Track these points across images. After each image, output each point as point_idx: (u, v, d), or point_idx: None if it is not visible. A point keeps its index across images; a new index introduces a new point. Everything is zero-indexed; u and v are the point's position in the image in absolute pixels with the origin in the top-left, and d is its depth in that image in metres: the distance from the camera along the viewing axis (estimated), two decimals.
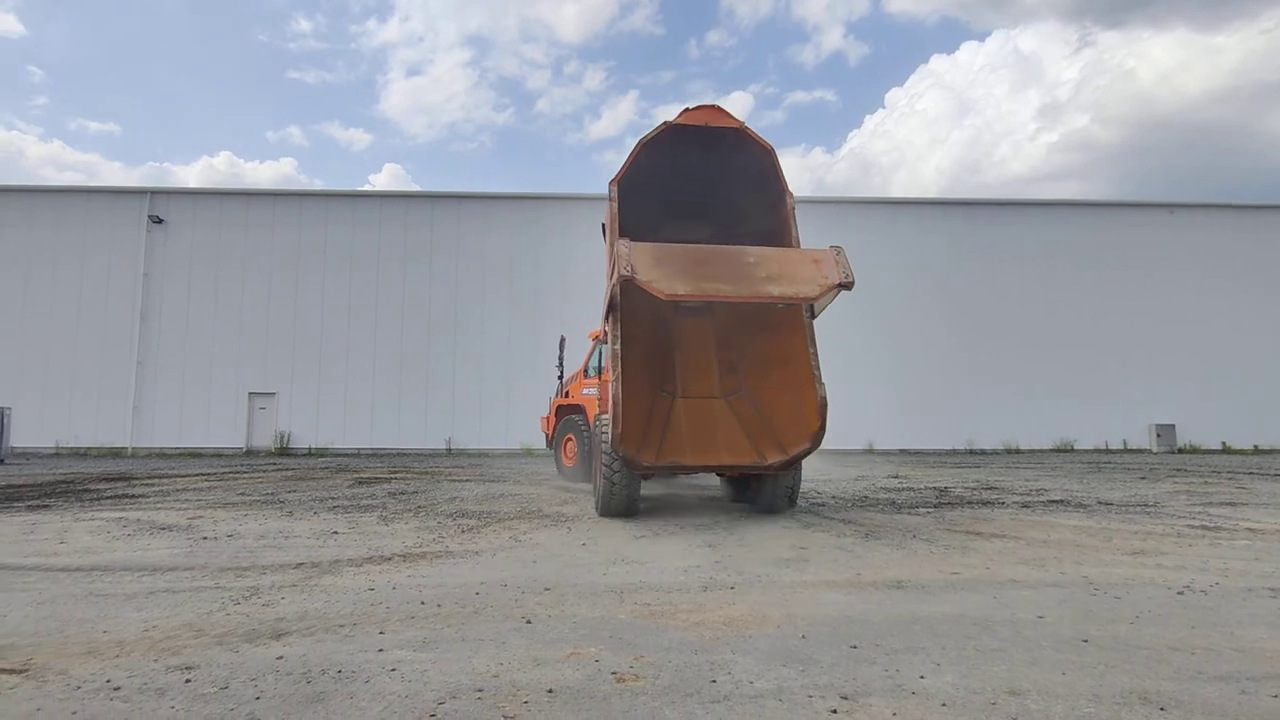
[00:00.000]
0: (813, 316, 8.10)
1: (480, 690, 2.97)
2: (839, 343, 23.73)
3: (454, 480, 12.57)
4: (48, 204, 23.34)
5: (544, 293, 23.07)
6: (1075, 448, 23.65)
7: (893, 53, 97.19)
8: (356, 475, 13.62)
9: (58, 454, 20.89)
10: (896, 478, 13.22)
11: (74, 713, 2.78)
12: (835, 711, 2.73)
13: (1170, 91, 75.68)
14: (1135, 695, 2.89)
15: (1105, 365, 24.29)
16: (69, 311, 22.45)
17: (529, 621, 3.97)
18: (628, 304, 7.86)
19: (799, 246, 8.22)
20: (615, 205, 8.19)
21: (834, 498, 9.85)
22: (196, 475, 13.75)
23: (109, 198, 23.49)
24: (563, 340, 13.22)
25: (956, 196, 27.91)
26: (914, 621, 3.93)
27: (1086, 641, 3.57)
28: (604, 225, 8.59)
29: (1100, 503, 9.25)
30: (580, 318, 22.60)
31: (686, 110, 8.26)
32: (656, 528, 7.26)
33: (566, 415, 12.24)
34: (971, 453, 22.53)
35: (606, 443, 7.50)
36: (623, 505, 7.73)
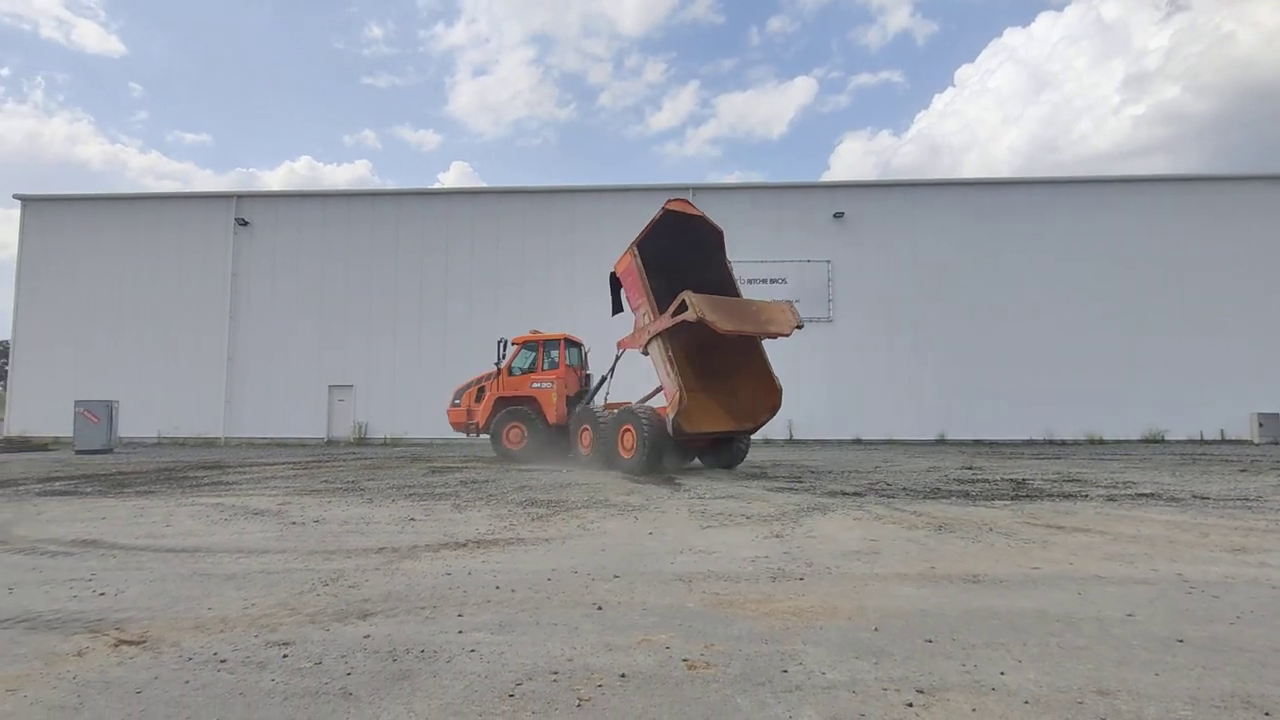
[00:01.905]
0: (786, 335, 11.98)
1: (555, 673, 3.06)
2: (904, 333, 23.08)
3: (523, 470, 12.88)
4: (148, 210, 25.00)
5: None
6: (1166, 438, 22.30)
7: (963, 29, 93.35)
8: (430, 464, 14.12)
9: (159, 443, 22.44)
10: (970, 469, 12.79)
11: (186, 681, 3.01)
12: (911, 705, 2.70)
13: (1276, 56, 70.00)
14: (1237, 699, 2.74)
15: (1201, 349, 22.75)
16: (168, 311, 24.01)
17: (600, 608, 4.06)
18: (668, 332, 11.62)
19: (739, 293, 12.64)
20: (639, 260, 12.13)
21: (904, 489, 9.62)
22: (283, 464, 14.53)
23: (200, 203, 24.97)
24: (502, 342, 15.25)
25: (1033, 176, 26.60)
26: (992, 616, 3.82)
27: (1181, 641, 3.40)
28: (613, 274, 12.77)
29: (1195, 496, 8.71)
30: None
31: (671, 201, 12.41)
32: (722, 519, 7.27)
33: (507, 406, 14.72)
34: (1050, 443, 21.54)
35: (669, 421, 11.15)
36: (656, 464, 11.58)
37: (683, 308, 10.89)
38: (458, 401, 15.73)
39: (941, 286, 23.32)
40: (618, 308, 13.20)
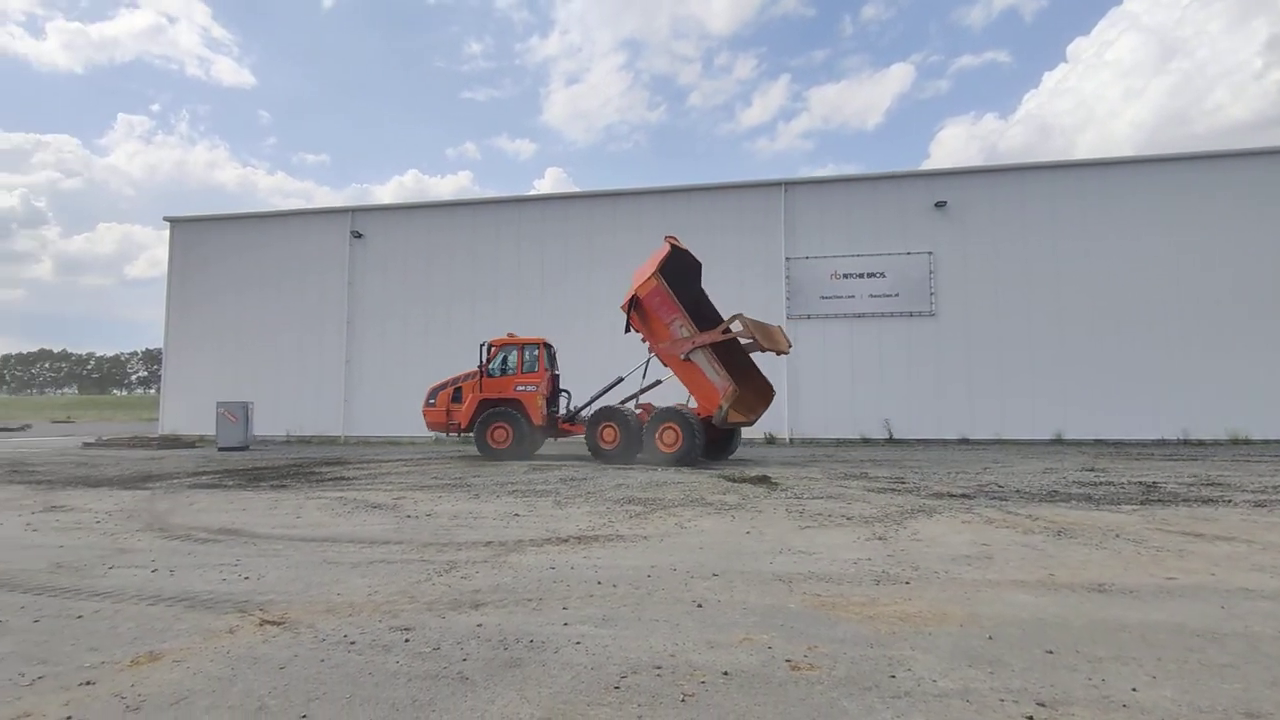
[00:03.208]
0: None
1: (659, 668, 3.13)
2: (1015, 325, 21.71)
3: (619, 468, 13.10)
4: (275, 227, 27.18)
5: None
6: None
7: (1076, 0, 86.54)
8: (530, 462, 14.60)
9: (288, 441, 24.32)
10: (1092, 470, 11.91)
11: (322, 660, 3.29)
12: (1031, 718, 2.58)
13: None
14: None
15: None
16: (294, 318, 25.98)
17: (700, 605, 4.10)
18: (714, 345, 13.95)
19: (718, 312, 15.21)
20: (665, 284, 13.98)
21: (1018, 492, 9.09)
22: (396, 461, 15.43)
23: (320, 218, 26.87)
24: (484, 345, 16.09)
25: (1160, 153, 24.29)
26: (1121, 629, 3.57)
27: None
28: (635, 297, 14.12)
29: None
30: (725, 303, 22.53)
31: (668, 237, 15.12)
32: (822, 519, 7.13)
33: (492, 407, 15.40)
34: (1186, 443, 19.68)
35: (720, 412, 13.25)
36: (699, 455, 13.59)
37: (729, 326, 13.84)
38: (433, 402, 16.26)
39: (1057, 275, 21.77)
40: (629, 328, 14.76)
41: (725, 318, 14.43)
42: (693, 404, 14.29)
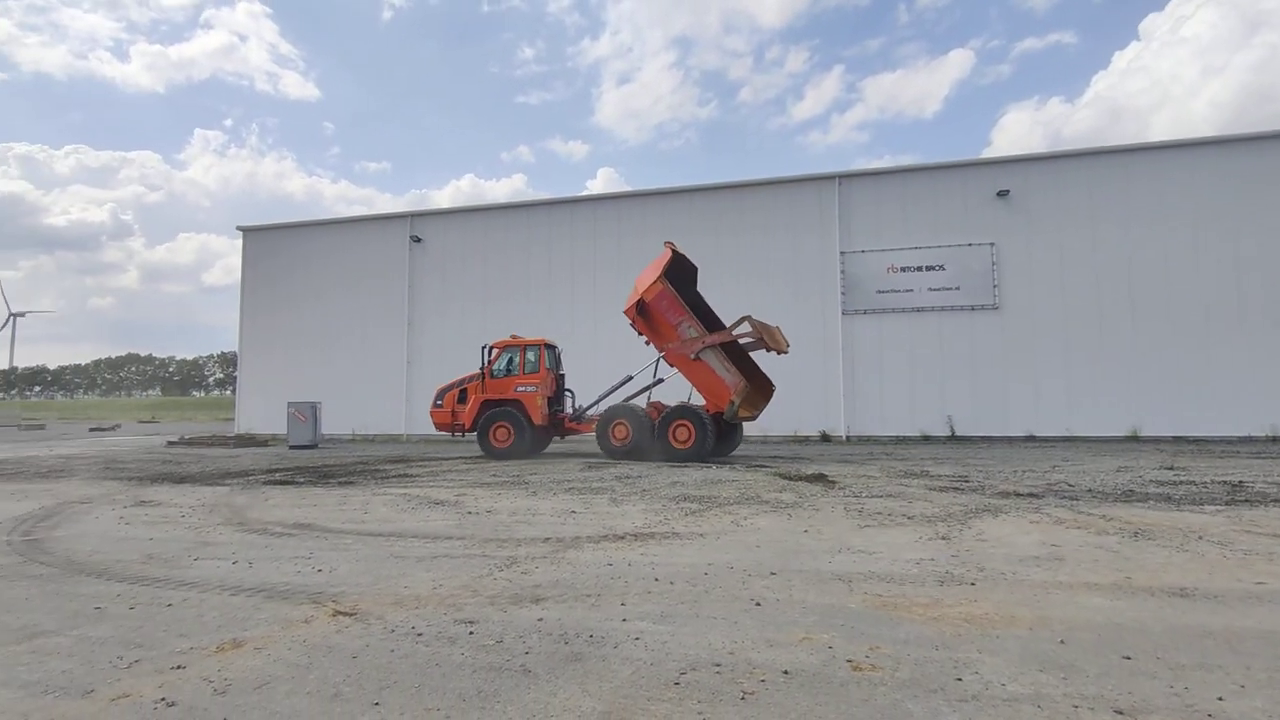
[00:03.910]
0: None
1: (718, 665, 3.14)
2: (1085, 317, 20.76)
3: (674, 466, 13.12)
4: (339, 233, 28.20)
5: (745, 277, 23.03)
6: None
7: None
8: (586, 460, 14.76)
9: (354, 439, 25.20)
10: (1170, 469, 11.31)
11: (392, 650, 3.41)
12: None
13: None
14: None
15: None
16: (358, 320, 26.89)
17: (758, 604, 4.08)
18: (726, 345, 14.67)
19: (714, 313, 15.73)
20: (671, 287, 14.61)
21: (1089, 491, 8.72)
22: (456, 459, 15.82)
23: (381, 224, 27.76)
24: (486, 348, 16.55)
25: (1244, 132, 22.82)
26: (1205, 635, 3.40)
27: None
28: (641, 301, 14.66)
29: None
30: (777, 299, 22.25)
31: (667, 242, 15.65)
32: (882, 518, 7.00)
33: (495, 408, 15.77)
34: (1275, 440, 18.48)
35: (730, 407, 13.92)
36: (711, 449, 14.11)
37: (738, 327, 14.62)
38: (440, 403, 16.68)
39: (1129, 263, 20.71)
40: (642, 335, 15.45)
41: (720, 318, 15.21)
42: (695, 401, 15.02)
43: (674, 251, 15.28)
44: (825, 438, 21.33)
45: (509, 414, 15.61)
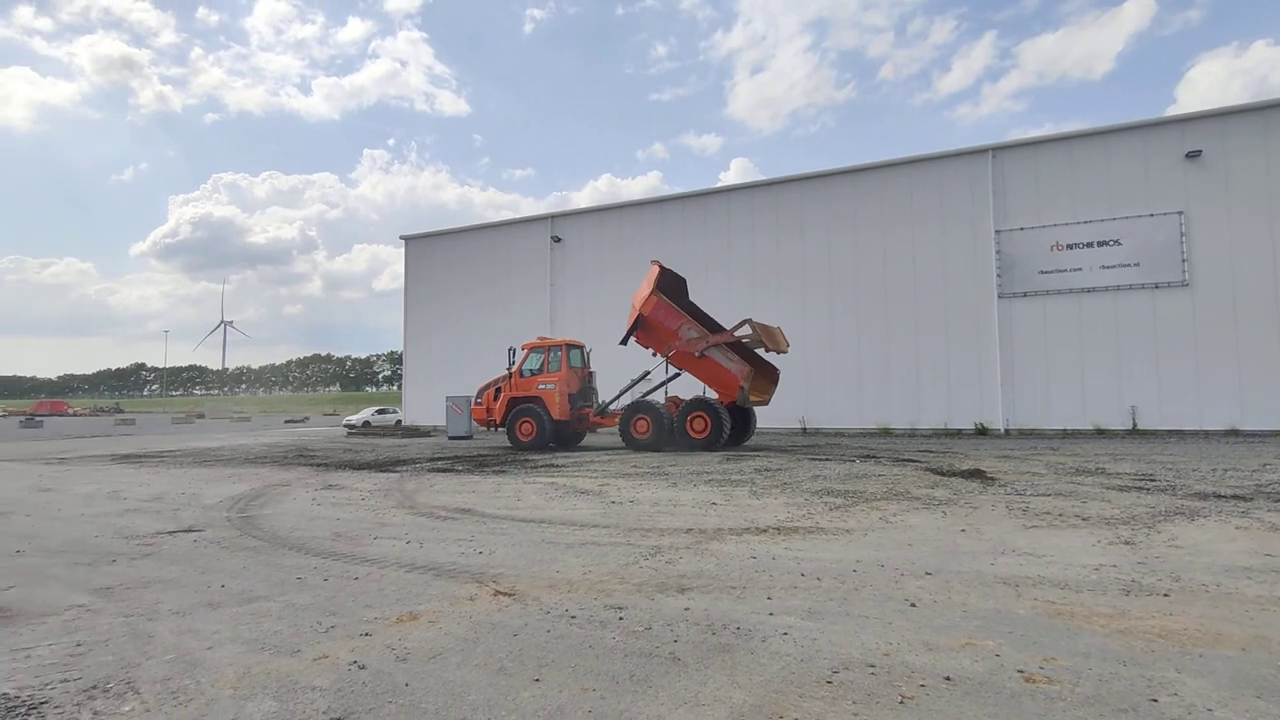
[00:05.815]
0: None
1: (872, 666, 3.03)
2: (1174, 309, 17.74)
3: (814, 459, 12.78)
4: (488, 237, 30.05)
5: (893, 264, 21.86)
6: None
7: None
8: (724, 453, 14.74)
9: (501, 432, 26.74)
10: None
11: (548, 630, 3.60)
12: None
13: None
14: None
15: None
16: (505, 316, 28.41)
17: (913, 604, 3.90)
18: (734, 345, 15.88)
19: (703, 312, 16.80)
20: (664, 297, 16.07)
21: None
22: (599, 450, 16.37)
23: (525, 226, 29.26)
24: (513, 350, 17.83)
25: None
26: None
27: None
28: (642, 315, 15.96)
29: None
30: (924, 283, 20.87)
31: (654, 261, 17.04)
32: (1050, 519, 6.42)
33: (520, 404, 17.17)
34: None
35: (741, 392, 14.86)
36: (725, 439, 15.00)
37: (740, 329, 15.64)
38: (479, 400, 18.18)
39: None
40: (625, 340, 16.57)
41: (719, 322, 16.40)
42: (708, 395, 16.30)
43: (661, 268, 16.77)
44: (981, 430, 19.86)
45: (532, 410, 16.93)
